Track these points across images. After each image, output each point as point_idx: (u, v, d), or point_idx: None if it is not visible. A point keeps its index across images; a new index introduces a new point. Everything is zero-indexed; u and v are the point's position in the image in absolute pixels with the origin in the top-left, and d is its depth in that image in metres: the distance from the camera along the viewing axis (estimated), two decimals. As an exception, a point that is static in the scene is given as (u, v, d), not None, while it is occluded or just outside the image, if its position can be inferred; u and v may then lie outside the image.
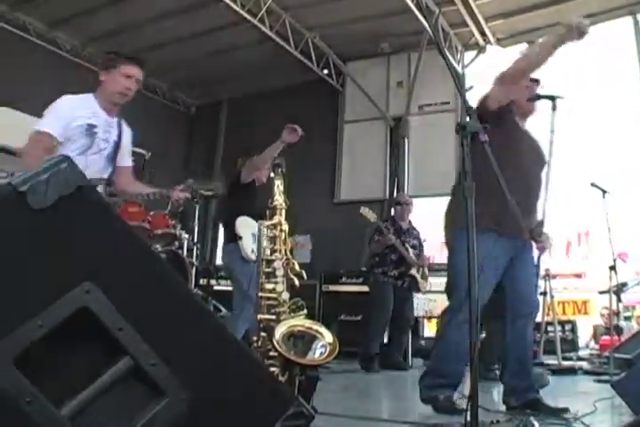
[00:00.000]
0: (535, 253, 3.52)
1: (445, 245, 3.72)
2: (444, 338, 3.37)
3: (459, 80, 2.18)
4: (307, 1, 8.32)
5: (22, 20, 8.87)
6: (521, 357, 3.36)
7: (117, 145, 3.55)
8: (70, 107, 3.36)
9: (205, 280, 6.62)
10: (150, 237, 6.22)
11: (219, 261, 10.35)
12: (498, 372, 4.07)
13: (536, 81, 3.54)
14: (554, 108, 3.40)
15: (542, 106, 3.53)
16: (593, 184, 5.53)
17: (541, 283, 5.81)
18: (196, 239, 7.33)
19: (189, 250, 6.81)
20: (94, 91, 3.49)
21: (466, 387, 1.97)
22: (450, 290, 3.37)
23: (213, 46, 9.26)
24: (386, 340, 6.43)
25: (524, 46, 9.21)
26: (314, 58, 9.51)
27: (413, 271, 6.39)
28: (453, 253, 3.45)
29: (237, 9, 7.98)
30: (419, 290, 6.55)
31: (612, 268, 5.69)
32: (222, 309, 6.64)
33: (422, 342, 6.95)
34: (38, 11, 8.73)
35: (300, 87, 9.96)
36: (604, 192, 5.52)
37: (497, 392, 3.51)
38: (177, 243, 6.54)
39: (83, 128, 3.33)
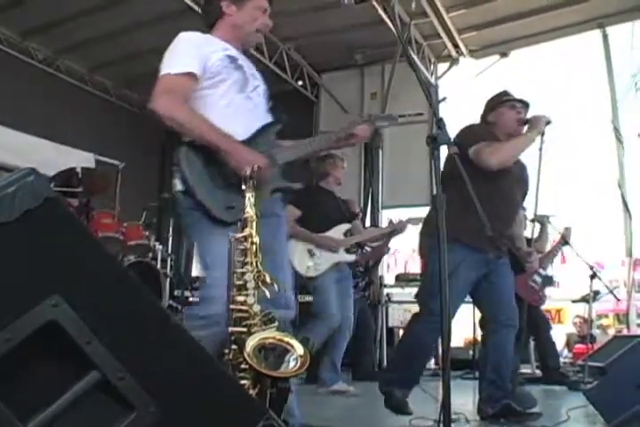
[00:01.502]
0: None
1: (419, 255, 3.76)
2: (414, 337, 3.44)
3: (429, 94, 2.21)
4: (281, 12, 8.35)
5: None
6: (498, 366, 3.38)
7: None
8: (197, 42, 2.60)
9: (180, 292, 6.57)
10: (124, 248, 6.21)
11: (194, 273, 10.30)
12: None
13: (525, 104, 3.59)
14: (542, 134, 3.45)
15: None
16: (534, 219, 5.64)
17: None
18: (170, 250, 7.30)
19: (163, 261, 6.78)
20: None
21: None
22: (425, 298, 3.41)
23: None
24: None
25: (495, 58, 9.35)
26: (288, 69, 9.54)
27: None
28: (429, 262, 3.49)
29: (212, 20, 8.00)
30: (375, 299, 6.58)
31: (592, 276, 5.75)
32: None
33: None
34: (11, 20, 8.66)
35: (274, 98, 9.96)
36: (548, 217, 5.69)
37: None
38: (151, 254, 6.52)
39: (226, 61, 2.59)
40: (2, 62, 8.71)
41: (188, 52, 2.52)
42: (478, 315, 3.71)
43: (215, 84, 2.52)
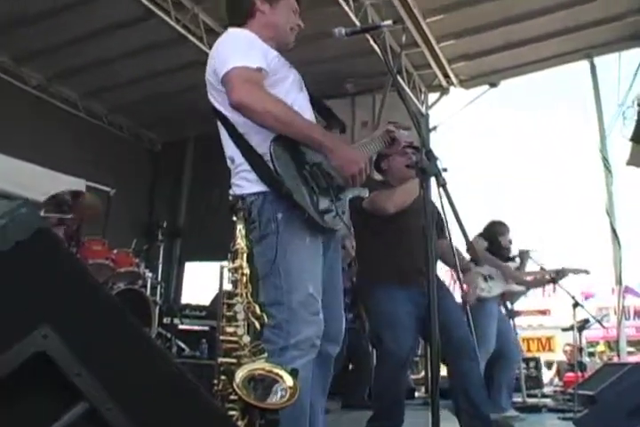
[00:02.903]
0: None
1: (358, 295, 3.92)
2: (380, 382, 3.58)
3: (419, 125, 2.23)
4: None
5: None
6: (467, 394, 3.39)
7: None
8: (254, 37, 2.40)
9: (169, 319, 6.54)
10: (113, 275, 6.18)
11: (184, 300, 10.27)
12: None
13: (416, 148, 3.67)
14: (440, 185, 3.51)
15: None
16: (515, 256, 5.75)
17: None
18: (160, 277, 7.28)
19: (153, 288, 6.75)
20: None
21: None
22: (376, 339, 3.56)
23: (181, 84, 9.32)
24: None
25: (485, 87, 9.46)
26: (280, 97, 9.61)
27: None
28: (376, 305, 3.60)
29: (204, 48, 8.09)
30: (365, 331, 6.59)
31: (575, 305, 5.78)
32: (186, 348, 6.56)
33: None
34: (5, 46, 8.73)
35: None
36: (528, 252, 5.78)
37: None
38: (140, 281, 6.49)
39: (280, 59, 2.46)
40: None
41: (252, 47, 2.33)
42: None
43: (275, 82, 2.34)
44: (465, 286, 4.03)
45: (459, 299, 3.91)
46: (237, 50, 2.28)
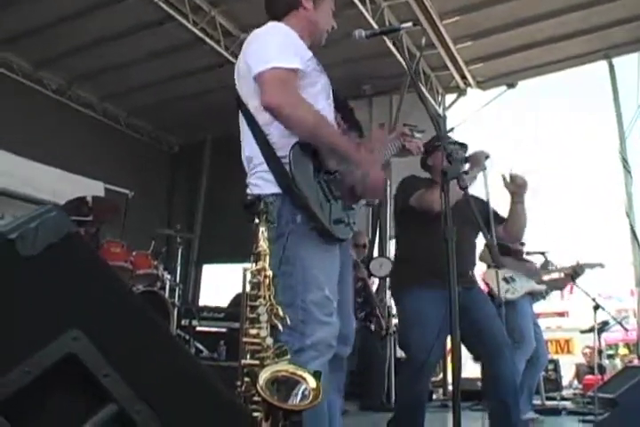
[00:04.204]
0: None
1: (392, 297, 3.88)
2: (405, 390, 3.55)
3: (439, 126, 2.24)
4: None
5: (9, 59, 8.93)
6: (503, 397, 3.37)
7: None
8: (294, 36, 2.33)
9: (187, 321, 6.56)
10: (132, 277, 6.23)
11: (202, 302, 10.31)
12: None
13: (461, 145, 3.68)
14: (484, 168, 3.51)
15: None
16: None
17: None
18: (178, 279, 7.30)
19: (172, 290, 6.78)
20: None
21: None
22: (405, 345, 3.54)
23: (198, 86, 9.38)
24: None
25: (502, 88, 9.43)
26: (297, 99, 9.62)
27: (377, 311, 6.48)
28: (402, 308, 3.59)
29: (221, 51, 8.15)
30: (382, 329, 6.59)
31: (596, 307, 5.73)
32: (204, 350, 6.58)
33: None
34: (24, 50, 8.81)
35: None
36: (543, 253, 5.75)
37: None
38: (159, 283, 6.53)
39: (314, 62, 2.36)
40: (15, 91, 8.84)
41: (290, 46, 2.26)
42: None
43: (304, 86, 2.26)
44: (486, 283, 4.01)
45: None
46: (276, 47, 2.22)
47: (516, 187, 3.66)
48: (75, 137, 9.22)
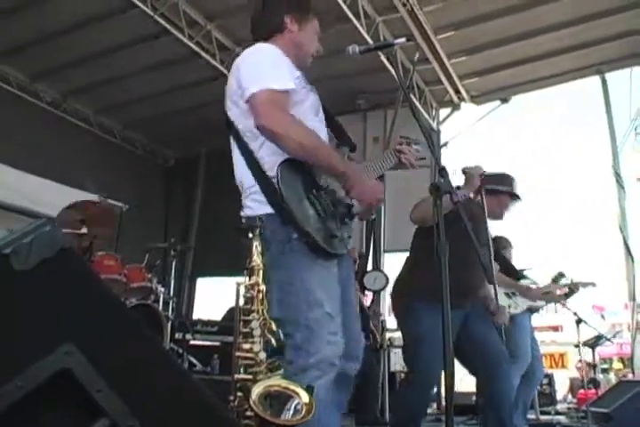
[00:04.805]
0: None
1: (394, 315, 3.81)
2: (402, 401, 3.49)
3: (431, 141, 2.25)
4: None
5: (5, 71, 8.95)
6: (497, 408, 3.36)
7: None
8: (282, 55, 2.34)
9: (181, 335, 6.53)
10: (126, 290, 6.20)
11: (195, 316, 10.27)
12: None
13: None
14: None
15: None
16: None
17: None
18: (172, 293, 7.27)
19: (165, 303, 6.75)
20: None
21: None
22: (409, 362, 3.50)
23: (193, 100, 9.41)
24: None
25: (496, 103, 9.48)
26: (292, 113, 9.66)
27: (371, 325, 6.47)
28: (405, 327, 3.55)
29: (217, 65, 8.19)
30: (376, 343, 6.57)
31: (579, 322, 5.70)
32: (197, 364, 6.55)
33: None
34: (19, 63, 8.84)
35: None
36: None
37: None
38: (153, 296, 6.49)
39: (302, 81, 2.37)
40: (11, 103, 8.86)
41: (280, 66, 2.28)
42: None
43: (293, 104, 2.26)
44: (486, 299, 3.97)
45: None
46: (267, 68, 2.24)
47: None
48: (69, 150, 9.22)
